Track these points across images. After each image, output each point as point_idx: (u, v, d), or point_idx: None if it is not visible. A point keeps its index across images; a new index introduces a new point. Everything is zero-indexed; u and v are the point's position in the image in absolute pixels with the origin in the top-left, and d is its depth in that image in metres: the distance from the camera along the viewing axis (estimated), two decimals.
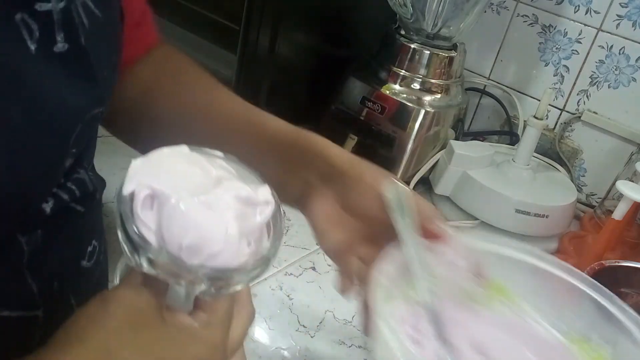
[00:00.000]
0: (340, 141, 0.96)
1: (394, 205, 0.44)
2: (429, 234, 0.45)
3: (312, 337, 0.63)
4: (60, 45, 0.33)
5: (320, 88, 0.99)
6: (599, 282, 0.44)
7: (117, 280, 0.35)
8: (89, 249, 0.43)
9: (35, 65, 0.32)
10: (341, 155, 0.47)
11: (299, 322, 0.66)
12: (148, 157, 0.34)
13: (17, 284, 0.36)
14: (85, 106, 0.36)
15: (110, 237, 0.70)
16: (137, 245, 0.31)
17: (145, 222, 0.31)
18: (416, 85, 0.92)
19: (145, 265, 0.31)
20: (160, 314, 0.33)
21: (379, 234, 0.45)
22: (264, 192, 0.36)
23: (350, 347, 0.62)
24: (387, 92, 0.92)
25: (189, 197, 0.32)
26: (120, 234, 0.32)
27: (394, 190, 0.45)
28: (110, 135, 0.58)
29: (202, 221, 0.32)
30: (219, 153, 0.37)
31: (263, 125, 0.50)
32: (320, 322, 0.65)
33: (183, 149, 0.35)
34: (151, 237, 0.31)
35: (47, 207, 0.37)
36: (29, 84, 0.32)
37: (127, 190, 0.32)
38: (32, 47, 0.31)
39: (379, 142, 0.92)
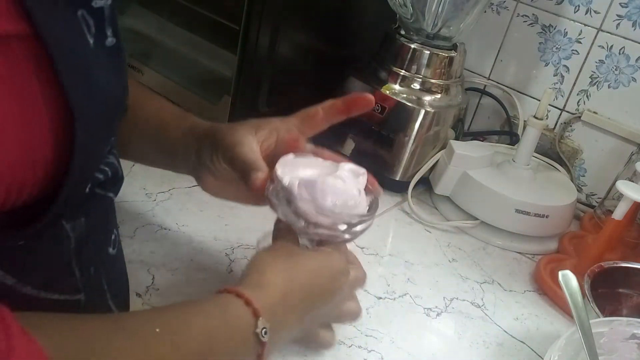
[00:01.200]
0: (340, 141, 0.96)
1: (570, 296, 0.56)
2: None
3: None
4: (110, 40, 0.37)
5: (320, 88, 0.99)
6: (598, 283, 0.43)
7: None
8: (112, 237, 0.47)
9: (93, 57, 0.35)
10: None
11: None
12: (283, 161, 0.53)
13: (65, 270, 0.39)
14: (123, 96, 0.41)
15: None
16: (301, 214, 0.50)
17: (304, 199, 0.50)
18: (416, 85, 0.93)
19: (302, 225, 0.51)
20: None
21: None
22: (356, 166, 0.55)
23: (350, 347, 0.62)
24: (387, 92, 0.92)
25: (328, 177, 0.51)
26: (286, 211, 0.51)
27: (569, 284, 0.57)
28: None
29: (343, 188, 0.51)
30: (310, 155, 0.56)
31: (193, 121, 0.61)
32: None
33: (292, 155, 0.54)
34: (310, 208, 0.50)
35: (87, 186, 0.39)
36: (91, 74, 0.34)
37: (285, 182, 0.50)
38: (91, 40, 0.34)
39: (379, 142, 0.92)
